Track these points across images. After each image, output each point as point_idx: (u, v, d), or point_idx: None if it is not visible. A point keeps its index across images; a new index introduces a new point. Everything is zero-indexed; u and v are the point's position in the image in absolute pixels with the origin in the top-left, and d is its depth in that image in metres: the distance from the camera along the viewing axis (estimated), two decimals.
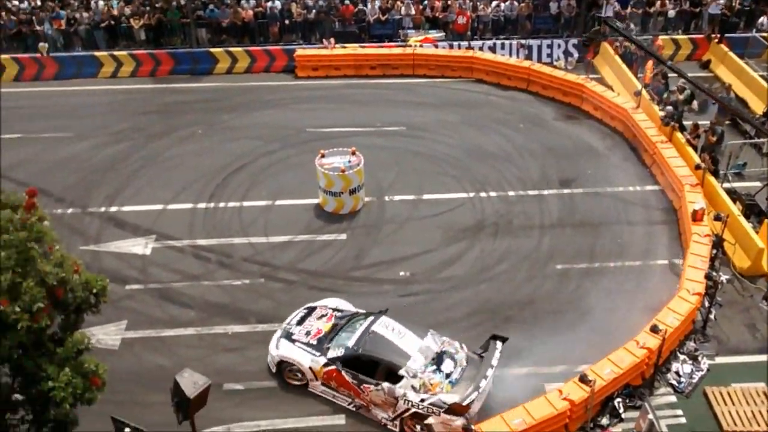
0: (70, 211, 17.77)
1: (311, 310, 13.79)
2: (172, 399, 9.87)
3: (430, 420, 11.57)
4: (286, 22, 26.90)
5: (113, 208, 17.90)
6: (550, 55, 25.99)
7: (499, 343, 12.32)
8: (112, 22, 26.63)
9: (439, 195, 18.29)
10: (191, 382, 9.60)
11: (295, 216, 17.50)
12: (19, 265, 8.02)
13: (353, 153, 17.53)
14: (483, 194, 18.32)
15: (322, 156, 17.41)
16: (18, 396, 8.84)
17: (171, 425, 10.38)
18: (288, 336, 13.13)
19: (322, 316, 13.49)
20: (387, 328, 12.59)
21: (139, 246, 16.50)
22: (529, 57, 25.53)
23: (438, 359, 12.15)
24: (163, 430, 11.00)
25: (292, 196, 18.18)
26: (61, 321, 8.91)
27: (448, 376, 11.94)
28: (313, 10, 26.95)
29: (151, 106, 23.54)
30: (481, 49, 25.65)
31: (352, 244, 16.60)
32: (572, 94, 22.66)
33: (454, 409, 11.42)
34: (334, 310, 13.66)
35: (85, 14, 26.80)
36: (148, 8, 26.99)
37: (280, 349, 12.95)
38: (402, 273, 15.70)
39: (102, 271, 11.64)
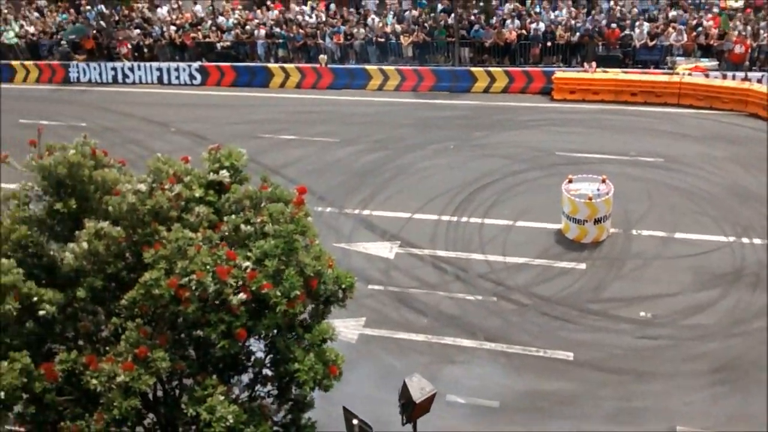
0: (328, 209, 19.36)
1: None
2: (399, 400, 10.29)
3: None
4: (548, 44, 26.81)
5: (366, 212, 19.19)
6: None
7: None
8: (383, 39, 28.57)
9: (694, 235, 17.01)
10: (419, 387, 9.92)
11: (534, 239, 17.37)
12: (284, 254, 8.78)
13: (603, 181, 16.98)
14: (745, 240, 16.71)
15: (570, 181, 17.10)
16: (268, 372, 9.76)
17: (394, 424, 10.86)
18: None
19: None
20: None
21: (385, 249, 17.49)
22: None
23: None
24: (386, 428, 11.54)
25: (533, 219, 18.08)
26: (311, 310, 9.67)
27: None
28: (578, 33, 26.56)
29: (410, 119, 24.88)
30: (759, 81, 23.45)
31: (592, 275, 16.06)
32: None
33: None
34: None
35: (362, 30, 29.05)
36: (417, 27, 28.54)
37: None
38: (642, 313, 14.83)
39: (350, 269, 12.46)
